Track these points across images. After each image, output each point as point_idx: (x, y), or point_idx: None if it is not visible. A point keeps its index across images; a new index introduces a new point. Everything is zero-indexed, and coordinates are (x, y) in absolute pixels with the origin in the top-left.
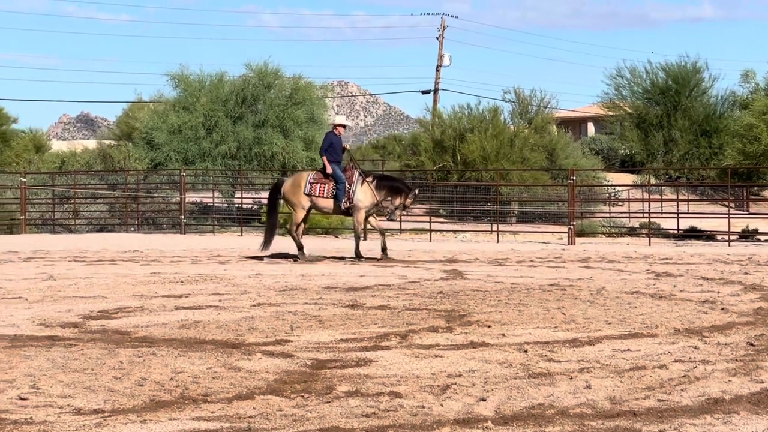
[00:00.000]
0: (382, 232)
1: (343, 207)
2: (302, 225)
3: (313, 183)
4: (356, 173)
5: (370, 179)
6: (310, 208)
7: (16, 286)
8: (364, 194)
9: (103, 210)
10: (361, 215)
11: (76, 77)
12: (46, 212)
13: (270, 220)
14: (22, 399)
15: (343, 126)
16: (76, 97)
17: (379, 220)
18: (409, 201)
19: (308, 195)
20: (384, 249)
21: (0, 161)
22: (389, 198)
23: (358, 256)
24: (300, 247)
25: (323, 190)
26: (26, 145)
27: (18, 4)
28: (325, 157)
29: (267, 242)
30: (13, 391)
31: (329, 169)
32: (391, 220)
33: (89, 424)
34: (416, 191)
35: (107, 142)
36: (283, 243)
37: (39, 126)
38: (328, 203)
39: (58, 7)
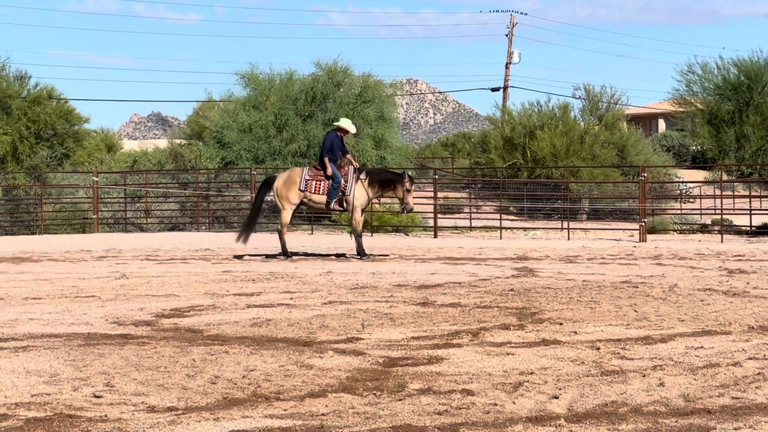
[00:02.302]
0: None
1: (332, 206)
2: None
3: (308, 180)
4: (351, 170)
5: (363, 176)
6: (299, 206)
7: (90, 285)
8: (359, 192)
9: (174, 209)
10: (359, 213)
11: (146, 77)
12: (118, 211)
13: (253, 215)
14: (96, 397)
15: (346, 131)
16: (146, 97)
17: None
18: (408, 186)
19: (303, 191)
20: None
21: (72, 161)
22: (388, 192)
23: (361, 254)
24: (285, 251)
25: (319, 187)
26: (98, 145)
27: (88, 5)
28: (327, 158)
29: (245, 235)
30: (87, 388)
31: (329, 171)
32: (410, 211)
33: (163, 421)
34: (409, 174)
35: (178, 141)
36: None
37: (110, 125)
38: (323, 199)
39: (128, 7)
